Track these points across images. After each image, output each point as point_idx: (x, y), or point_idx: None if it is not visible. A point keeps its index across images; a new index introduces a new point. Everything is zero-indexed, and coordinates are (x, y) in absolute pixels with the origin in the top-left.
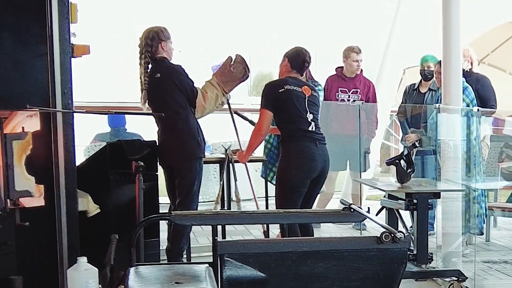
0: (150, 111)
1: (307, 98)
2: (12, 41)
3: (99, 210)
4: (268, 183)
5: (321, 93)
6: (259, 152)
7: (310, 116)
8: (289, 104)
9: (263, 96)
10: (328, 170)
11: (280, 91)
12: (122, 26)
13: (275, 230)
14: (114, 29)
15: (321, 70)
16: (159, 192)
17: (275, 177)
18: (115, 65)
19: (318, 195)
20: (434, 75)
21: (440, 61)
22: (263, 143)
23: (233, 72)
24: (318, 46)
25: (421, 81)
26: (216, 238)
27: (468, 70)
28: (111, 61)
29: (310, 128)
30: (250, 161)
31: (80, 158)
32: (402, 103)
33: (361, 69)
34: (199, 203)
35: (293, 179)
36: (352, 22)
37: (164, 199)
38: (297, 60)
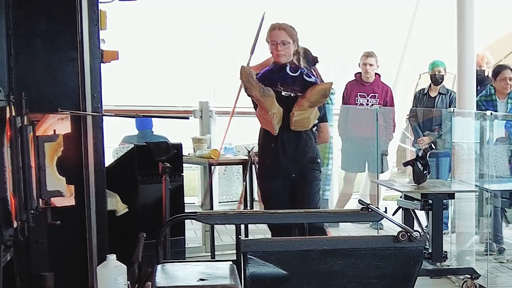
0: (178, 114)
1: None
2: (44, 46)
3: (127, 210)
4: None
5: (333, 97)
6: None
7: None
8: None
9: None
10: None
11: None
12: (150, 32)
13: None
14: (142, 35)
15: (340, 75)
16: (184, 192)
17: None
18: (143, 70)
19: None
20: None
21: None
22: None
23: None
24: (336, 51)
25: (430, 85)
26: (239, 236)
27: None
28: (139, 66)
29: None
30: None
31: (108, 159)
32: (413, 107)
33: (379, 74)
34: (222, 203)
35: None
36: (369, 28)
37: (189, 199)
38: None
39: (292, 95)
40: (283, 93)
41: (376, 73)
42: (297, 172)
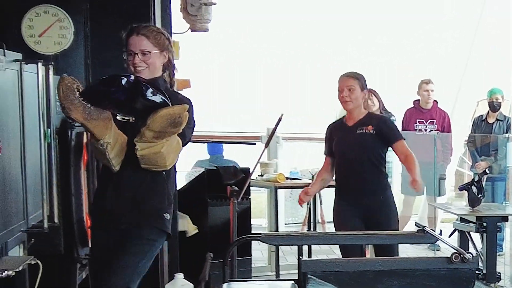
0: (246, 140)
1: None
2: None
3: (197, 231)
4: None
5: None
6: None
7: None
8: None
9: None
10: None
11: None
12: (220, 61)
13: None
14: (212, 64)
15: (396, 102)
16: (251, 214)
17: None
18: (214, 98)
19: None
20: None
21: None
22: None
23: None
24: (394, 79)
25: (488, 112)
26: (300, 257)
27: None
28: (210, 93)
29: None
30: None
31: (181, 182)
32: (471, 133)
33: (436, 101)
34: (288, 225)
35: None
36: (429, 56)
37: (256, 221)
38: None
39: (131, 120)
40: (118, 117)
41: (434, 100)
42: (132, 224)
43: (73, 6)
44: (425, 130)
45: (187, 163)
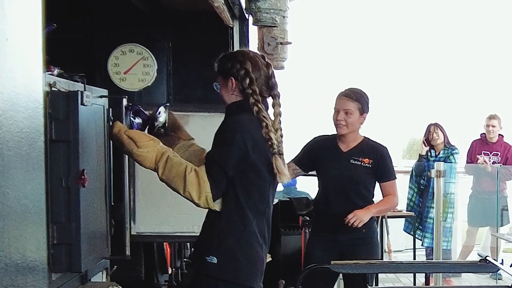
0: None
1: None
2: (200, 111)
3: (270, 259)
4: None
5: (457, 156)
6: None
7: None
8: None
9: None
10: None
11: None
12: (292, 94)
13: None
14: (285, 97)
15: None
16: None
17: (421, 234)
18: (286, 132)
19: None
20: None
21: None
22: (405, 201)
23: None
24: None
25: None
26: (367, 285)
27: None
28: (290, 132)
29: None
30: (400, 216)
31: None
32: None
33: (502, 135)
34: None
35: None
36: (494, 92)
37: None
38: None
39: None
40: None
41: (499, 134)
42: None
43: (156, 45)
44: (489, 161)
45: None
